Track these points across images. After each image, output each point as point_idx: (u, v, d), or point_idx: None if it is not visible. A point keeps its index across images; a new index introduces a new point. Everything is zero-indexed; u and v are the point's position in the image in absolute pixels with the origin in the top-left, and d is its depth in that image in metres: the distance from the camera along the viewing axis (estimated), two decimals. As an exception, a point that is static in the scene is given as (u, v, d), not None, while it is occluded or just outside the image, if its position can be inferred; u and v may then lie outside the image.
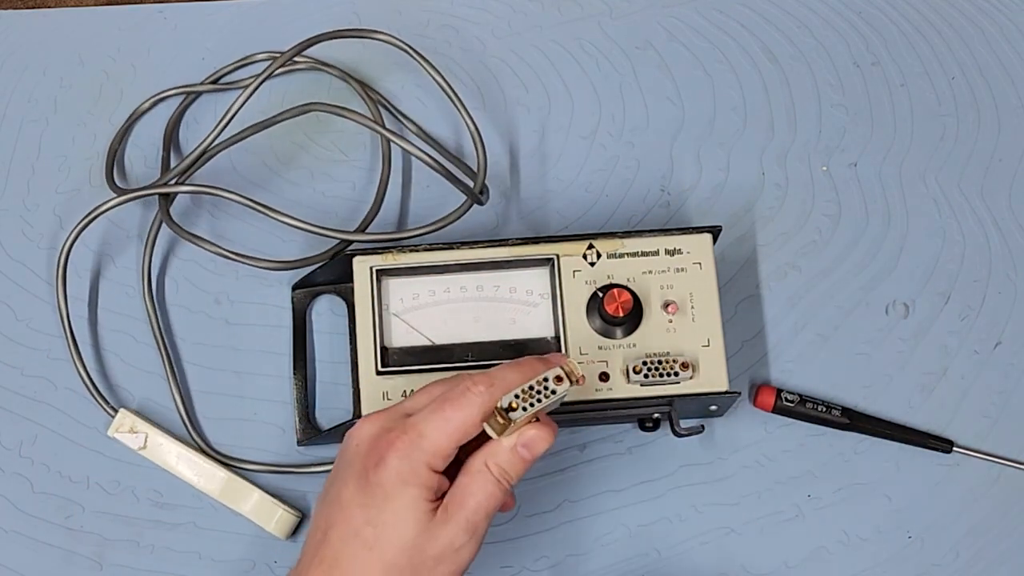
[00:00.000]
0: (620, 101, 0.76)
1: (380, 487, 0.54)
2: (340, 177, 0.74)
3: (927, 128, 0.75)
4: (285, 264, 0.69)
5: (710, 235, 0.65)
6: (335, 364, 0.70)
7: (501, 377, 0.56)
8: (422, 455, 0.54)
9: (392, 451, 0.54)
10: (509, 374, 0.56)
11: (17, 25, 0.77)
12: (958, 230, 0.73)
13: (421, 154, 0.66)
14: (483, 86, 0.76)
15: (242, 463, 0.68)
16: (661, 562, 0.67)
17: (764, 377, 0.70)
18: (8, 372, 0.71)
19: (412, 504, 0.54)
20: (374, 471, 0.54)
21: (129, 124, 0.75)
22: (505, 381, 0.55)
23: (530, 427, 0.55)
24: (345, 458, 0.56)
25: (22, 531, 0.68)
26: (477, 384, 0.55)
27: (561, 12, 0.78)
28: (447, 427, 0.55)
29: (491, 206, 0.73)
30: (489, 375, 0.56)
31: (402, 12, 0.78)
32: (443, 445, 0.54)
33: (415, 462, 0.54)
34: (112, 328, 0.71)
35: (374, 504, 0.54)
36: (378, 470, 0.54)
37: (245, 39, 0.76)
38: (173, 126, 0.75)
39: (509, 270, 0.65)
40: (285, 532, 0.67)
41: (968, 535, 0.68)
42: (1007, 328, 0.71)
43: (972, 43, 0.77)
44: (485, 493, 0.55)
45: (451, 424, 0.55)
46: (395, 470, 0.54)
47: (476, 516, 0.55)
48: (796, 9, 0.78)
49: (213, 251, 0.68)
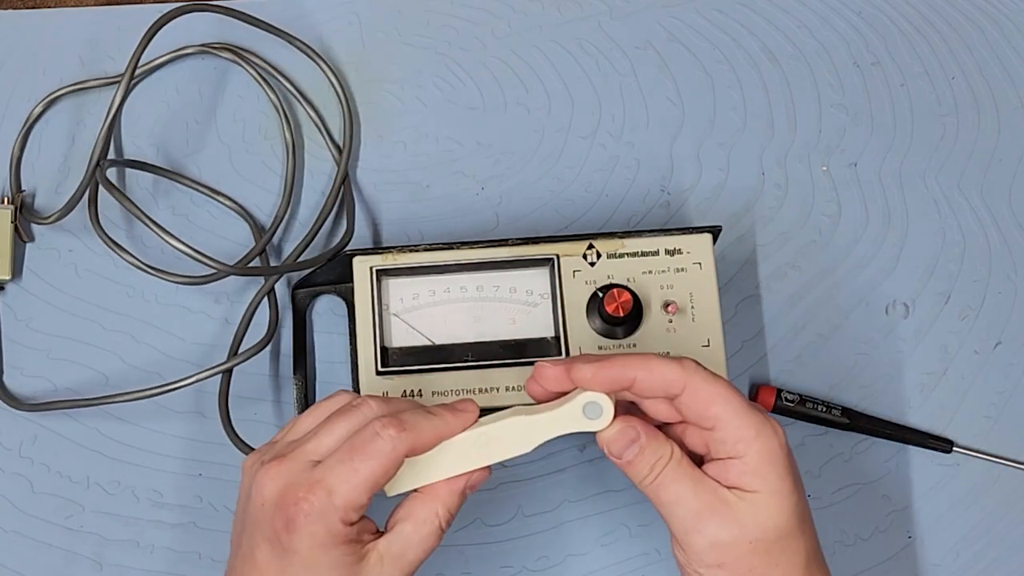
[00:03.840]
0: (620, 101, 0.76)
1: (297, 554, 0.51)
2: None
3: (927, 128, 0.75)
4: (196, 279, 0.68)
5: (710, 235, 0.65)
6: (335, 364, 0.70)
7: (413, 423, 0.53)
8: (335, 514, 0.51)
9: (302, 514, 0.51)
10: (421, 420, 0.53)
11: (17, 25, 0.77)
12: (958, 230, 0.73)
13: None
14: (483, 86, 0.76)
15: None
16: (661, 562, 0.67)
17: (764, 377, 0.70)
18: (8, 372, 0.71)
19: (334, 565, 0.52)
20: (286, 536, 0.51)
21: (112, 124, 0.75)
22: (417, 427, 0.53)
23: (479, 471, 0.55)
24: (250, 514, 0.53)
25: (22, 531, 0.68)
26: (386, 428, 0.52)
27: (561, 12, 0.78)
28: (357, 480, 0.52)
29: (491, 206, 0.73)
30: (400, 419, 0.53)
31: (402, 12, 0.78)
32: (356, 499, 0.52)
33: (329, 523, 0.51)
34: (112, 328, 0.71)
35: (292, 570, 0.52)
36: (291, 536, 0.51)
37: (245, 39, 0.76)
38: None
39: (509, 270, 0.65)
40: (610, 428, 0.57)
41: (968, 535, 0.68)
42: (1007, 328, 0.71)
43: (972, 43, 0.77)
44: (424, 542, 0.54)
45: (360, 476, 0.52)
46: (310, 536, 0.51)
47: (412, 566, 0.54)
48: (796, 9, 0.78)
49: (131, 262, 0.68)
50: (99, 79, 0.75)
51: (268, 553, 0.52)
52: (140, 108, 0.75)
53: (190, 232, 0.73)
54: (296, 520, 0.51)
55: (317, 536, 0.51)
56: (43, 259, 0.73)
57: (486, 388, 0.63)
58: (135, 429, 0.70)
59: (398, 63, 0.76)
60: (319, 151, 0.74)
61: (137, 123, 0.75)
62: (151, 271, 0.68)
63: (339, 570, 0.52)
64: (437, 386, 0.63)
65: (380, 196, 0.74)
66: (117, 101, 0.67)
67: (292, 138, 0.74)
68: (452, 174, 0.74)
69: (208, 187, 0.73)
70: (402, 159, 0.74)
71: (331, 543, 0.52)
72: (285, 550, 0.52)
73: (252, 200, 0.73)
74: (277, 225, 0.72)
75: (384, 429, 0.52)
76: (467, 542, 0.68)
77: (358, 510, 0.52)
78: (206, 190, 0.73)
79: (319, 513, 0.51)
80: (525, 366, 0.63)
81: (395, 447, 0.52)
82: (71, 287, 0.72)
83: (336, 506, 0.51)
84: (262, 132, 0.75)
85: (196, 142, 0.75)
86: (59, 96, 0.75)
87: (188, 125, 0.75)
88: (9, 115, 0.75)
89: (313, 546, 0.51)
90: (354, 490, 0.52)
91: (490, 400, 0.63)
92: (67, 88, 0.75)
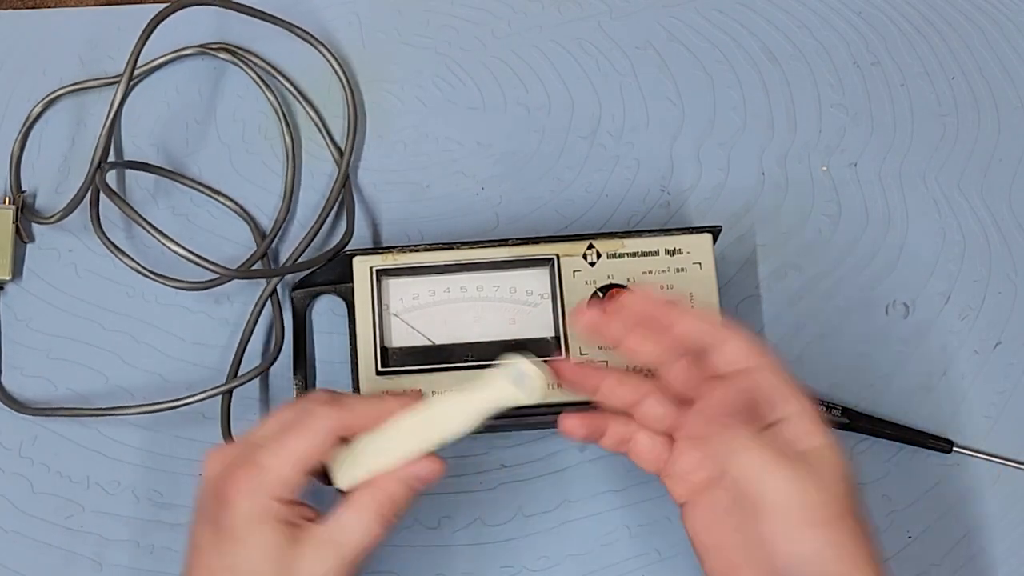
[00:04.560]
0: (620, 101, 0.76)
1: (231, 531, 0.52)
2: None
3: (927, 128, 0.75)
4: (198, 284, 0.68)
5: (710, 235, 0.65)
6: (335, 364, 0.70)
7: (351, 404, 0.54)
8: (267, 490, 0.52)
9: (235, 491, 0.52)
10: (358, 400, 0.55)
11: (17, 25, 0.77)
12: (958, 230, 0.73)
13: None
14: (483, 86, 0.76)
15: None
16: (661, 562, 0.67)
17: (764, 377, 0.70)
18: (8, 372, 0.71)
19: (267, 543, 0.52)
20: (223, 513, 0.52)
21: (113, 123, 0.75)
22: (355, 409, 0.54)
23: (423, 460, 0.54)
24: (198, 498, 0.54)
25: (22, 531, 0.68)
26: (320, 405, 0.53)
27: (561, 12, 0.78)
28: (288, 457, 0.52)
29: (491, 206, 0.73)
30: (338, 398, 0.54)
31: (402, 12, 0.78)
32: (287, 476, 0.52)
33: (261, 499, 0.52)
34: (112, 328, 0.71)
35: (229, 550, 0.52)
36: (226, 512, 0.52)
37: (245, 37, 0.76)
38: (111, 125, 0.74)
39: (509, 270, 0.65)
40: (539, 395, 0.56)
41: (968, 535, 0.68)
42: (1007, 328, 0.71)
43: (972, 43, 0.77)
44: (365, 530, 0.53)
45: (294, 453, 0.52)
46: (241, 512, 0.52)
47: (352, 553, 0.53)
48: (796, 9, 0.78)
49: (131, 267, 0.68)
50: (99, 79, 0.75)
51: (208, 533, 0.53)
52: (140, 108, 0.75)
53: (190, 233, 0.73)
54: (229, 496, 0.52)
55: (250, 512, 0.52)
56: (43, 259, 0.73)
57: (486, 388, 0.63)
58: (135, 430, 0.70)
59: (398, 63, 0.76)
60: (319, 151, 0.74)
61: (137, 123, 0.75)
62: (152, 276, 0.68)
63: (273, 550, 0.52)
64: (437, 386, 0.63)
65: (380, 196, 0.74)
66: (117, 101, 0.67)
67: (291, 140, 0.74)
68: (452, 174, 0.74)
69: (208, 187, 0.73)
70: (402, 159, 0.74)
71: (264, 520, 0.52)
72: (220, 528, 0.52)
73: (252, 200, 0.73)
74: (278, 228, 0.72)
75: (317, 406, 0.53)
76: (467, 542, 0.68)
77: (290, 487, 0.52)
78: (207, 190, 0.73)
79: (251, 489, 0.52)
80: (525, 366, 0.63)
81: (325, 422, 0.53)
82: (71, 287, 0.72)
83: (267, 481, 0.52)
84: (262, 132, 0.75)
85: (196, 142, 0.75)
86: (59, 96, 0.75)
87: (188, 125, 0.75)
88: (9, 115, 0.75)
89: (246, 523, 0.52)
90: (284, 464, 0.52)
91: (490, 400, 0.63)
92: (67, 88, 0.75)
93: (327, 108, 0.75)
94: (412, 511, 0.67)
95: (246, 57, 0.75)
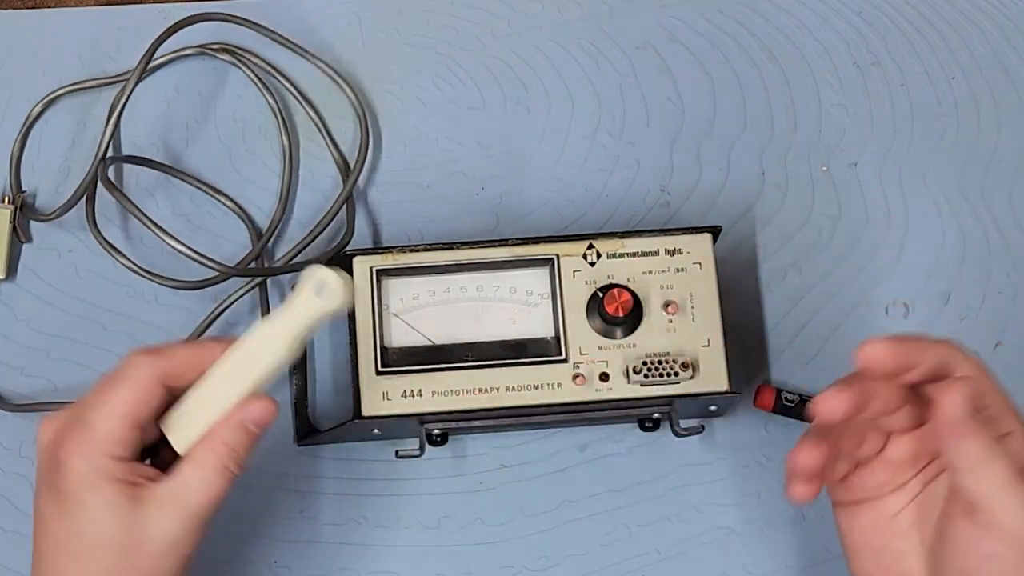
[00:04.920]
0: (620, 101, 0.76)
1: (69, 494, 0.51)
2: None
3: (927, 128, 0.75)
4: (195, 284, 0.69)
5: (710, 235, 0.65)
6: (335, 364, 0.70)
7: (171, 351, 0.53)
8: (97, 448, 0.51)
9: (66, 453, 0.51)
10: (177, 346, 0.54)
11: (17, 25, 0.77)
12: (958, 230, 0.73)
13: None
14: (483, 86, 0.76)
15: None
16: (661, 562, 0.67)
17: (764, 377, 0.70)
18: (8, 372, 0.71)
19: (108, 503, 0.51)
20: (58, 477, 0.51)
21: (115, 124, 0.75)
22: (175, 355, 0.53)
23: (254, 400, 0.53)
24: (37, 468, 0.54)
25: (22, 531, 0.68)
26: (138, 356, 0.52)
27: (561, 12, 0.78)
28: (112, 411, 0.51)
29: (491, 206, 0.73)
30: (158, 348, 0.53)
31: (402, 12, 0.78)
32: (115, 430, 0.51)
33: (93, 458, 0.51)
34: (112, 328, 0.71)
35: (68, 513, 0.51)
36: (60, 476, 0.51)
37: (244, 39, 0.76)
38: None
39: (509, 270, 0.65)
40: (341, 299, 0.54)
41: (968, 535, 0.68)
42: (1007, 328, 0.71)
43: (972, 43, 0.77)
44: (207, 485, 0.52)
45: (116, 407, 0.52)
46: (76, 473, 0.51)
47: (197, 509, 0.52)
48: (796, 9, 0.78)
49: (127, 266, 0.68)
50: (99, 79, 0.75)
51: (46, 499, 0.52)
52: (140, 108, 0.75)
53: (189, 232, 0.72)
54: (61, 458, 0.51)
55: (84, 473, 0.51)
56: (43, 259, 0.73)
57: (486, 388, 0.63)
58: (135, 429, 0.70)
59: (398, 63, 0.76)
60: (319, 151, 0.74)
61: (137, 123, 0.75)
62: (149, 275, 0.68)
63: (113, 511, 0.51)
64: (437, 386, 0.63)
65: (380, 196, 0.74)
66: (127, 94, 0.67)
67: (289, 141, 0.74)
68: (452, 174, 0.74)
69: (209, 185, 0.73)
70: (402, 159, 0.74)
71: (99, 481, 0.51)
72: (58, 492, 0.51)
73: (252, 200, 0.73)
74: (274, 229, 0.72)
75: (136, 357, 0.53)
76: (467, 542, 0.68)
77: (122, 443, 0.52)
78: (207, 188, 0.73)
79: (82, 450, 0.51)
80: (525, 366, 0.63)
81: (145, 370, 0.52)
82: (71, 287, 0.72)
83: (96, 439, 0.51)
84: (262, 132, 0.75)
85: (196, 142, 0.75)
86: (59, 96, 0.75)
87: (188, 125, 0.75)
88: (9, 115, 0.75)
89: (82, 484, 0.51)
90: (110, 420, 0.51)
91: (490, 400, 0.63)
92: (67, 88, 0.75)
93: (328, 108, 0.75)
94: (412, 511, 0.68)
95: (246, 58, 0.75)
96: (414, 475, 0.68)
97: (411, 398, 0.63)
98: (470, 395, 0.63)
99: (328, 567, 0.67)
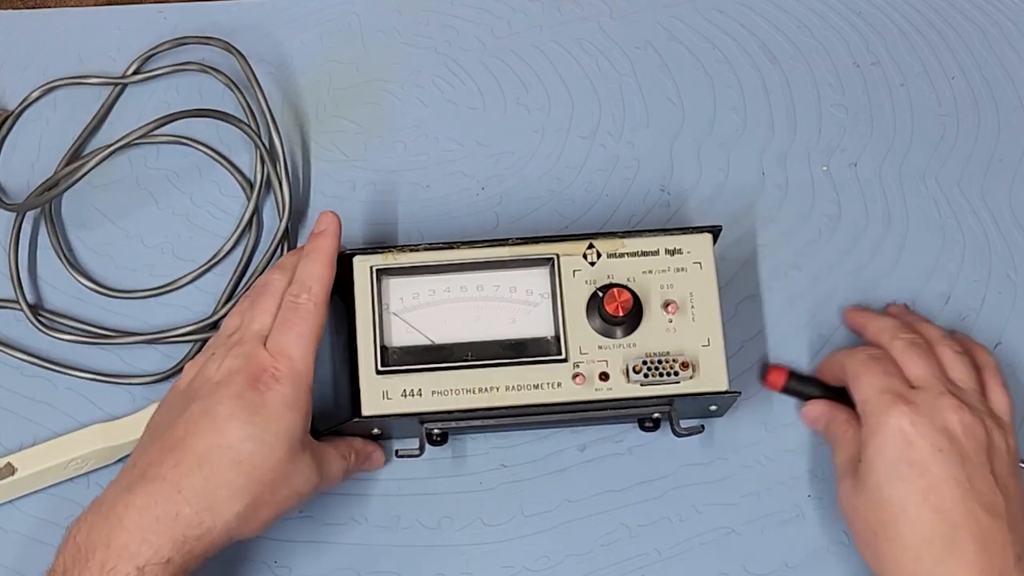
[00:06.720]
0: (620, 101, 0.76)
1: (265, 408, 0.58)
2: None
3: (927, 128, 0.75)
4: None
5: (710, 235, 0.65)
6: (335, 363, 0.70)
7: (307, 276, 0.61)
8: (301, 378, 0.59)
9: (272, 377, 0.58)
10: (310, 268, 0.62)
11: (17, 25, 0.77)
12: (958, 230, 0.73)
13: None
14: (483, 86, 0.76)
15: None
16: (661, 562, 0.67)
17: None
18: (8, 372, 0.71)
19: (292, 429, 0.58)
20: (260, 394, 0.58)
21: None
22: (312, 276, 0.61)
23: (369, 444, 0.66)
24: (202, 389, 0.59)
25: (22, 531, 0.68)
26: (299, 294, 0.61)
27: (561, 12, 0.78)
28: (304, 343, 0.60)
29: (491, 206, 0.73)
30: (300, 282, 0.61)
31: (402, 12, 0.78)
32: (310, 363, 0.60)
33: (298, 385, 0.59)
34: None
35: (256, 423, 0.57)
36: (264, 394, 0.58)
37: (243, 39, 0.76)
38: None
39: (509, 270, 0.65)
40: None
41: (968, 535, 0.68)
42: (1007, 328, 0.71)
43: (972, 43, 0.77)
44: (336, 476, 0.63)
45: (307, 340, 0.60)
46: (280, 394, 0.58)
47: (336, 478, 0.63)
48: (796, 9, 0.78)
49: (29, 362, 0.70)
50: (88, 76, 0.75)
51: (232, 407, 0.57)
52: (132, 109, 0.75)
53: (189, 231, 0.73)
54: (267, 381, 0.58)
55: (287, 396, 0.58)
56: (43, 259, 0.73)
57: (486, 388, 0.63)
58: (135, 429, 0.70)
59: (398, 63, 0.76)
60: (322, 152, 0.74)
61: (132, 125, 0.75)
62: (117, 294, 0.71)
63: (290, 438, 0.58)
64: (437, 385, 0.63)
65: (380, 196, 0.74)
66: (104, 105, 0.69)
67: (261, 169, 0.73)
68: (452, 174, 0.74)
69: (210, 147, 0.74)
70: (402, 159, 0.74)
71: (295, 407, 0.58)
72: (253, 403, 0.58)
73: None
74: (275, 230, 0.72)
75: (297, 297, 0.61)
76: (467, 542, 0.68)
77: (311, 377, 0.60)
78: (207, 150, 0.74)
79: (289, 377, 0.59)
80: (525, 365, 0.63)
81: (315, 304, 0.61)
82: (71, 287, 0.72)
83: (299, 371, 0.59)
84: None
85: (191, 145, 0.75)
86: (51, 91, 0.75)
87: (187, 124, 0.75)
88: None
89: (282, 405, 0.58)
90: (306, 352, 0.60)
91: (490, 400, 0.63)
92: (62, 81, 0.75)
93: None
94: (412, 511, 0.68)
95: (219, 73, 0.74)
96: (414, 475, 0.68)
97: (411, 397, 0.63)
98: (470, 394, 0.63)
99: (328, 567, 0.67)
